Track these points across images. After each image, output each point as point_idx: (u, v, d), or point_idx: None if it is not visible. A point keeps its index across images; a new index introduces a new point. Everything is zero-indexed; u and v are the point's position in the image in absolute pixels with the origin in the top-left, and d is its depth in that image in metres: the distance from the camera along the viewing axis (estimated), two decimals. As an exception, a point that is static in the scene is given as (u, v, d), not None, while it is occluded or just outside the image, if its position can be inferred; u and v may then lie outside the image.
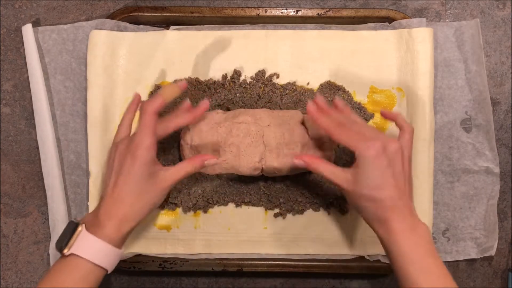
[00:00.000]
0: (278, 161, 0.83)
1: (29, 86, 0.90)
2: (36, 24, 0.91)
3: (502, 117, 0.91)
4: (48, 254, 0.90)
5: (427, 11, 0.92)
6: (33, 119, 0.89)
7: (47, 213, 0.89)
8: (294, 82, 0.89)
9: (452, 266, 0.91)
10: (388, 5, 0.92)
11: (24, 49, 0.90)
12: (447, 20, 0.91)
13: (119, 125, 0.81)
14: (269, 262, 0.88)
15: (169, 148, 0.88)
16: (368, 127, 0.77)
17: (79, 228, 0.71)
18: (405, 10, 0.91)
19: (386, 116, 0.80)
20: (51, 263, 0.89)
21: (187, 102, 0.82)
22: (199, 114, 0.81)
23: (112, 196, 0.74)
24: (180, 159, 0.87)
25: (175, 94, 0.78)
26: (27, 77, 0.90)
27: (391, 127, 0.88)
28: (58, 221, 0.88)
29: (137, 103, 0.82)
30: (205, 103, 0.81)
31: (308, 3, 0.92)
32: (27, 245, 0.92)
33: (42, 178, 0.89)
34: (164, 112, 0.87)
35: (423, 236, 0.70)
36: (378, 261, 0.88)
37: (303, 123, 0.85)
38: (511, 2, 0.92)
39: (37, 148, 0.89)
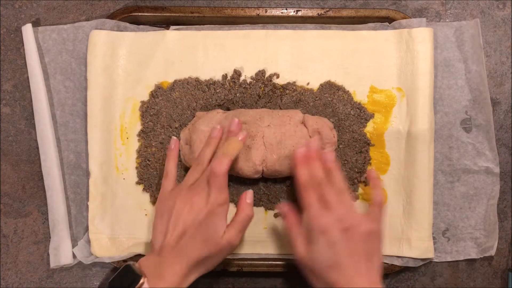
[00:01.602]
0: (279, 163, 0.83)
1: (29, 86, 0.90)
2: (36, 24, 0.91)
3: (502, 117, 0.91)
4: (48, 254, 0.90)
5: (427, 11, 0.92)
6: (33, 119, 0.89)
7: (47, 213, 0.89)
8: (294, 82, 0.89)
9: (452, 266, 0.91)
10: (388, 5, 0.92)
11: (24, 49, 0.90)
12: (447, 20, 0.91)
13: (166, 176, 0.82)
14: (269, 262, 0.88)
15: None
16: (342, 196, 0.76)
17: (141, 281, 0.71)
18: (405, 10, 0.91)
19: (369, 177, 0.83)
20: (51, 263, 0.89)
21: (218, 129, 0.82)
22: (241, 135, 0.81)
23: (176, 248, 0.74)
24: (180, 160, 0.87)
25: (239, 148, 0.78)
26: (27, 77, 0.90)
27: (391, 128, 0.88)
28: (58, 221, 0.88)
29: (177, 148, 0.84)
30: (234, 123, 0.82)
31: (308, 3, 0.92)
32: (27, 245, 0.92)
33: (42, 178, 0.89)
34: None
35: None
36: (378, 261, 0.88)
37: (303, 123, 0.85)
38: (511, 2, 0.92)
39: (37, 148, 0.89)
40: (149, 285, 0.71)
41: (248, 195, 0.79)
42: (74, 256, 0.88)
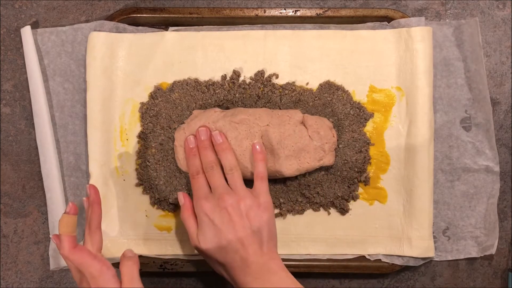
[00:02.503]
0: (279, 164, 0.83)
1: (29, 86, 0.90)
2: (35, 25, 0.91)
3: (502, 117, 0.91)
4: (48, 254, 0.89)
5: (427, 11, 0.92)
6: (33, 119, 0.89)
7: (47, 213, 0.89)
8: (294, 82, 0.88)
9: (452, 266, 0.91)
10: (388, 5, 0.92)
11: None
12: (447, 20, 0.91)
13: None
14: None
15: (168, 149, 0.88)
16: (229, 175, 0.80)
17: None
18: (405, 10, 0.91)
19: (253, 150, 0.83)
20: (51, 265, 0.89)
21: (70, 205, 0.77)
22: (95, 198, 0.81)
23: None
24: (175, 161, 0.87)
25: (72, 223, 0.76)
26: (27, 77, 0.90)
27: (390, 127, 0.88)
28: (57, 223, 0.88)
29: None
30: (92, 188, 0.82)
31: (308, 3, 0.92)
32: (27, 245, 0.92)
33: (42, 178, 0.89)
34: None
35: (271, 279, 0.74)
36: (379, 260, 0.88)
37: (303, 123, 0.85)
38: (511, 2, 0.92)
39: (37, 148, 0.89)
40: None
41: (125, 251, 0.79)
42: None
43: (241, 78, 0.89)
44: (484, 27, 0.92)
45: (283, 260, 0.87)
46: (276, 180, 0.88)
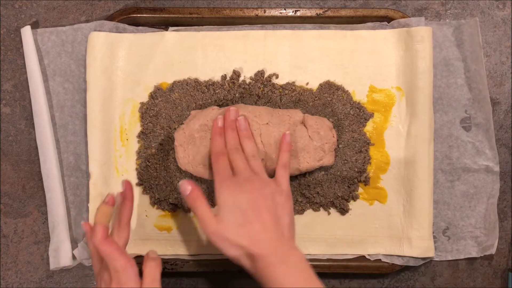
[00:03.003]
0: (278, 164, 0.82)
1: (29, 86, 0.90)
2: (35, 25, 0.91)
3: (502, 117, 0.91)
4: (48, 255, 0.89)
5: (427, 11, 0.92)
6: (33, 119, 0.89)
7: (47, 214, 0.89)
8: (294, 82, 0.89)
9: (452, 266, 0.91)
10: (388, 5, 0.92)
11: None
12: (447, 20, 0.91)
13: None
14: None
15: (168, 149, 0.88)
16: (251, 162, 0.79)
17: None
18: (405, 10, 0.91)
19: (282, 141, 0.82)
20: (51, 265, 0.89)
21: (109, 196, 0.80)
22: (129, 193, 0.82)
23: None
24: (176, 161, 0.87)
25: (109, 214, 0.78)
26: (27, 77, 0.90)
27: (390, 127, 0.88)
28: (57, 223, 0.88)
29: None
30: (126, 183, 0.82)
31: (308, 3, 0.92)
32: (27, 245, 0.92)
33: (42, 178, 0.89)
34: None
35: (295, 265, 0.72)
36: (379, 260, 0.88)
37: (303, 123, 0.85)
38: (511, 2, 0.92)
39: (37, 148, 0.89)
40: None
41: (149, 253, 0.80)
42: (73, 257, 0.88)
43: (241, 78, 0.89)
44: (484, 27, 0.92)
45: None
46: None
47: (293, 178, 0.87)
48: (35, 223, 0.92)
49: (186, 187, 0.76)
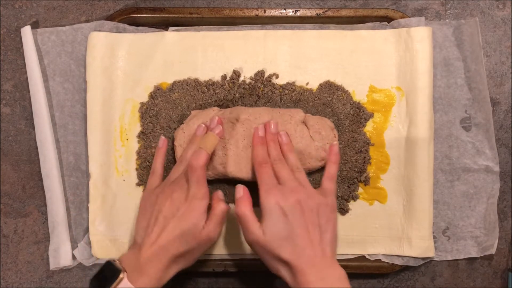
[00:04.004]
0: None
1: (29, 86, 0.90)
2: (35, 25, 0.91)
3: (502, 117, 0.91)
4: (48, 255, 0.90)
5: (427, 11, 0.92)
6: (33, 119, 0.89)
7: (47, 213, 0.89)
8: (294, 82, 0.88)
9: (452, 266, 0.91)
10: (388, 5, 0.92)
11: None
12: (447, 20, 0.91)
13: (152, 173, 0.83)
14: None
15: (168, 149, 0.88)
16: (295, 173, 0.78)
17: (121, 276, 0.71)
18: (405, 10, 0.91)
19: (330, 150, 0.82)
20: (51, 265, 0.89)
21: (220, 129, 0.82)
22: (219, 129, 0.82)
23: (156, 243, 0.74)
24: (175, 161, 0.87)
25: (215, 142, 0.78)
26: (27, 77, 0.90)
27: (390, 127, 0.88)
28: (57, 223, 0.88)
29: (165, 147, 0.85)
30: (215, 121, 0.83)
31: (308, 3, 0.92)
32: (27, 245, 0.92)
33: (42, 178, 0.89)
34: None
35: (335, 283, 0.71)
36: (379, 260, 0.88)
37: (304, 122, 0.85)
38: (511, 2, 0.92)
39: (37, 148, 0.89)
40: (129, 280, 0.71)
41: (219, 193, 0.81)
42: (73, 257, 0.89)
43: (241, 78, 0.89)
44: (484, 27, 0.92)
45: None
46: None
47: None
48: (35, 223, 0.92)
49: (239, 190, 0.78)
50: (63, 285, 0.92)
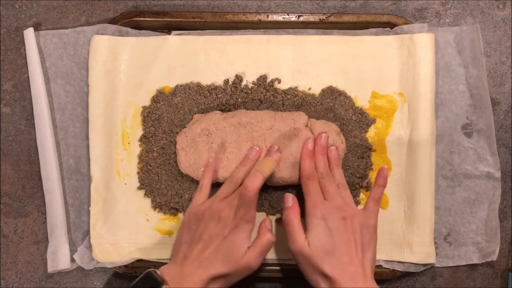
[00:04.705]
0: (282, 170, 0.82)
1: (29, 86, 0.90)
2: (37, 27, 0.91)
3: (502, 117, 0.92)
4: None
5: (427, 11, 0.92)
6: (33, 119, 0.89)
7: (46, 216, 0.89)
8: (296, 87, 0.88)
9: (452, 266, 0.91)
10: (388, 5, 0.92)
11: (24, 49, 0.90)
12: (447, 20, 0.92)
13: (199, 189, 0.82)
14: (271, 267, 0.88)
15: (170, 153, 0.88)
16: (342, 189, 0.80)
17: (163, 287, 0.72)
18: (405, 9, 0.92)
19: (379, 174, 0.82)
20: (49, 268, 0.88)
21: (278, 155, 0.82)
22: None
23: (198, 260, 0.75)
24: (177, 165, 0.87)
25: (273, 167, 0.78)
26: (27, 77, 0.90)
27: (392, 133, 0.88)
28: (56, 226, 0.88)
29: (215, 165, 0.83)
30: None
31: (308, 3, 0.92)
32: (27, 245, 0.92)
33: (42, 179, 0.89)
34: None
35: None
36: (380, 266, 0.88)
37: (307, 126, 0.84)
38: (511, 2, 0.92)
39: (37, 148, 0.89)
40: None
41: (268, 222, 0.80)
42: (72, 260, 0.88)
43: (244, 83, 0.89)
44: (484, 27, 0.92)
45: (284, 264, 0.88)
46: (277, 186, 0.87)
47: (295, 186, 0.87)
48: (35, 223, 0.92)
49: (288, 199, 0.80)
50: (63, 285, 0.92)
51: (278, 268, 0.89)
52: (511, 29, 0.92)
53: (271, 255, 0.88)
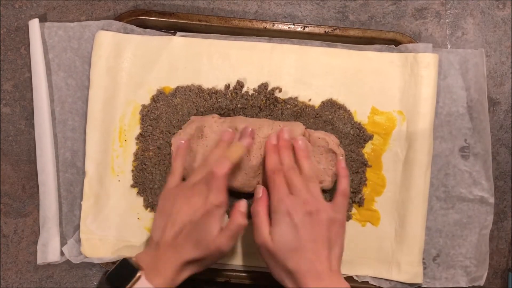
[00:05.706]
0: None
1: (29, 86, 0.90)
2: (43, 19, 0.91)
3: (502, 117, 0.92)
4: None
5: (427, 11, 0.92)
6: (33, 119, 0.89)
7: (39, 207, 0.89)
8: (296, 97, 0.88)
9: (438, 288, 0.91)
10: (388, 4, 0.92)
11: (24, 50, 0.90)
12: (447, 20, 0.92)
13: (172, 173, 0.81)
14: (257, 275, 0.89)
15: (165, 153, 0.88)
16: (309, 183, 0.78)
17: (138, 274, 0.72)
18: (405, 9, 0.92)
19: (338, 166, 0.82)
20: (38, 259, 0.88)
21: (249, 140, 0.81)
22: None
23: (172, 245, 0.74)
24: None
25: (241, 153, 0.78)
26: (27, 77, 0.90)
27: (389, 150, 0.88)
28: (48, 218, 0.88)
29: (186, 148, 0.83)
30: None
31: (308, 3, 0.92)
32: (27, 245, 0.92)
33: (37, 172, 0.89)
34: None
35: None
36: (366, 283, 0.88)
37: (305, 136, 0.84)
38: (511, 2, 0.92)
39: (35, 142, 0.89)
40: (146, 278, 0.72)
41: (242, 204, 0.79)
42: (61, 253, 0.88)
43: (244, 89, 0.89)
44: (484, 27, 0.92)
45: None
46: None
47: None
48: (35, 223, 0.91)
49: (259, 190, 0.79)
50: (63, 285, 0.92)
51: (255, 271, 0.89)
52: (511, 29, 0.92)
53: (260, 263, 0.88)
